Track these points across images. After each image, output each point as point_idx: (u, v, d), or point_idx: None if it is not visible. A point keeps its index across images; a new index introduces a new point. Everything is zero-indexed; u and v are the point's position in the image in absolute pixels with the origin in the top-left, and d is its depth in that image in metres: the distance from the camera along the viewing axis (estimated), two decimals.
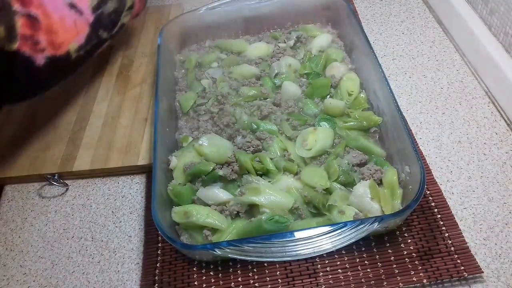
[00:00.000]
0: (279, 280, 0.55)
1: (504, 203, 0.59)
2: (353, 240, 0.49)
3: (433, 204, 0.60)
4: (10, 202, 0.68)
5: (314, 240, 0.48)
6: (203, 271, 0.56)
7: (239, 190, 0.58)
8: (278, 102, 0.69)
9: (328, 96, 0.70)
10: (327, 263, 0.55)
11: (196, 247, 0.54)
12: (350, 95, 0.69)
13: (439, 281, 0.53)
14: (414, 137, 0.68)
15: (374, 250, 0.56)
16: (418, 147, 0.67)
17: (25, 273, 0.59)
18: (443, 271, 0.53)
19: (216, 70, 0.75)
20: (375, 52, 0.68)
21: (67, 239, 0.62)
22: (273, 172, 0.60)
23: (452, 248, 0.55)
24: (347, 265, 0.55)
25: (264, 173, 0.60)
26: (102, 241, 0.62)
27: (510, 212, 0.58)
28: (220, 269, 0.56)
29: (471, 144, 0.67)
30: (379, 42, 0.85)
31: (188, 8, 0.95)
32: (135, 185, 0.68)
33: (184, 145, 0.65)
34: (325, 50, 0.76)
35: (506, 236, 0.56)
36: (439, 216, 0.58)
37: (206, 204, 0.58)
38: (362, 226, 0.49)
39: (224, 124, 0.66)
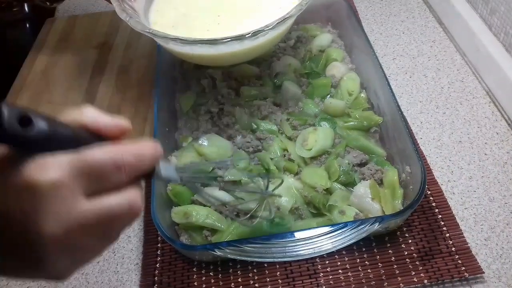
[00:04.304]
0: (279, 280, 0.54)
1: (505, 203, 0.59)
2: (353, 241, 0.49)
3: (434, 204, 0.59)
4: None
5: (315, 240, 0.48)
6: (203, 271, 0.56)
7: (238, 190, 0.57)
8: (278, 102, 0.69)
9: (328, 96, 0.70)
10: (328, 263, 0.55)
11: (196, 248, 0.54)
12: (350, 95, 0.68)
13: (440, 282, 0.53)
14: (414, 137, 0.68)
15: (375, 250, 0.56)
16: (419, 147, 0.66)
17: None
18: (444, 272, 0.53)
19: (216, 70, 0.75)
20: (375, 51, 0.68)
21: None
22: (273, 172, 0.59)
23: (453, 249, 0.55)
24: (347, 266, 0.55)
25: (264, 173, 0.60)
26: None
27: (511, 212, 0.58)
28: (220, 269, 0.56)
29: (472, 144, 0.66)
30: (379, 41, 0.85)
31: None
32: None
33: (184, 145, 0.64)
34: (325, 49, 0.76)
35: (507, 236, 0.56)
36: (440, 216, 0.58)
37: (205, 205, 0.57)
38: (362, 226, 0.48)
39: (224, 124, 0.66)
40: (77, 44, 0.90)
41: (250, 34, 0.52)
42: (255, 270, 0.55)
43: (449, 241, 0.55)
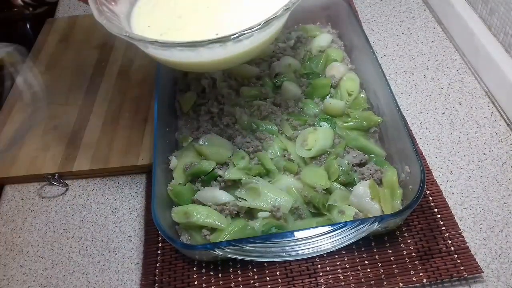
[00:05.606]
0: (279, 280, 0.55)
1: (504, 203, 0.59)
2: (353, 240, 0.49)
3: (433, 204, 0.60)
4: (10, 202, 0.68)
5: (314, 240, 0.48)
6: (203, 271, 0.56)
7: (239, 190, 0.58)
8: (278, 102, 0.69)
9: (328, 96, 0.70)
10: (327, 263, 0.55)
11: (196, 247, 0.54)
12: (350, 95, 0.69)
13: (439, 281, 0.53)
14: (414, 137, 0.68)
15: (374, 250, 0.56)
16: (418, 147, 0.67)
17: (25, 273, 0.60)
18: (443, 271, 0.53)
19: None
20: (375, 52, 0.68)
21: (67, 239, 0.62)
22: (273, 172, 0.60)
23: (452, 248, 0.55)
24: (347, 265, 0.55)
25: (264, 173, 0.60)
26: (102, 241, 0.62)
27: (510, 212, 0.59)
28: (220, 269, 0.56)
29: (471, 144, 0.67)
30: (379, 42, 0.85)
31: None
32: (135, 185, 0.68)
33: (184, 145, 0.65)
34: (325, 50, 0.76)
35: (506, 236, 0.56)
36: (439, 216, 0.58)
37: (205, 205, 0.58)
38: (362, 226, 0.49)
39: (224, 124, 0.66)
40: (77, 44, 0.90)
41: (235, 35, 0.48)
42: (255, 270, 0.56)
43: (448, 241, 0.56)
